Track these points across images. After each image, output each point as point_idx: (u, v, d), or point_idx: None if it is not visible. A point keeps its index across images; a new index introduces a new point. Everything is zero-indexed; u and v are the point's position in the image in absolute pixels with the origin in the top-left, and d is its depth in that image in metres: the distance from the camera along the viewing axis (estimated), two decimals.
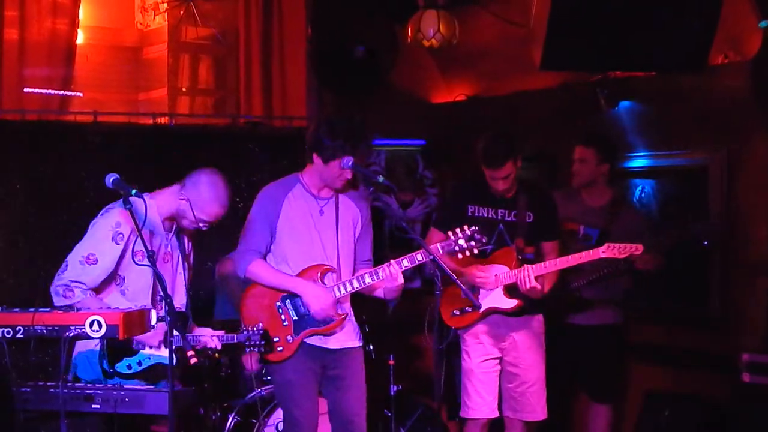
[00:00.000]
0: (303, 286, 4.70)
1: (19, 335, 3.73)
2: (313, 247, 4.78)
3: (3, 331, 3.72)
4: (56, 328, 3.72)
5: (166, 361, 4.31)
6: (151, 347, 4.34)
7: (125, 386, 3.99)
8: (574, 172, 5.84)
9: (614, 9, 5.01)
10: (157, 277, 3.93)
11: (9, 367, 3.74)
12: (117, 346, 4.23)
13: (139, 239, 4.17)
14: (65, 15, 6.46)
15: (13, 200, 5.79)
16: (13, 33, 6.28)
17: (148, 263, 3.91)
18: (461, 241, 4.70)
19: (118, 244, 4.26)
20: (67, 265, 4.29)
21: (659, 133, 6.32)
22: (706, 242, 5.52)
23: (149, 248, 3.88)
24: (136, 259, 4.24)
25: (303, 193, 4.81)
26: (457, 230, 4.71)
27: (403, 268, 4.73)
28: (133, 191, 3.98)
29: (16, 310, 3.79)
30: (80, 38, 6.76)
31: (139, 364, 4.32)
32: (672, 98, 6.11)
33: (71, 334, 3.72)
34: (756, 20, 5.36)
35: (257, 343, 4.57)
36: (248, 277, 4.79)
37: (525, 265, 5.10)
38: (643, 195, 6.34)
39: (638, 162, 6.36)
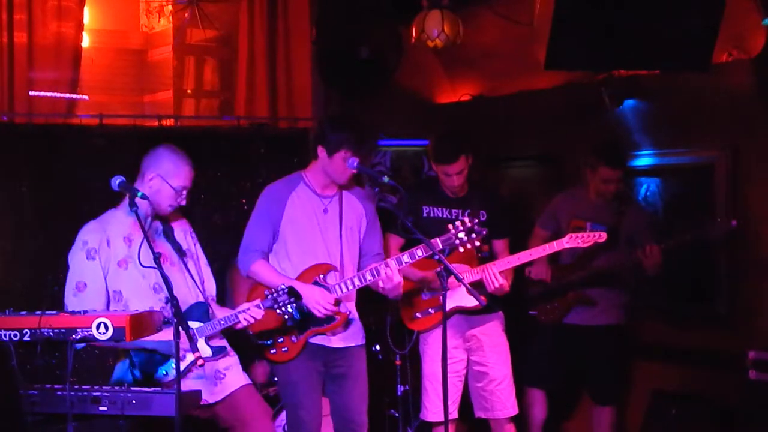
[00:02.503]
0: (301, 289, 4.71)
1: (25, 338, 3.75)
2: (316, 247, 4.80)
3: (10, 334, 3.74)
4: (63, 330, 3.74)
5: (204, 356, 4.30)
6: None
7: (132, 388, 3.99)
8: (601, 191, 5.81)
9: (617, 7, 5.01)
10: (163, 279, 3.94)
11: (16, 369, 3.75)
12: (146, 358, 4.23)
13: (110, 252, 4.24)
14: (70, 18, 6.47)
15: (20, 203, 5.80)
16: (19, 37, 6.29)
17: (154, 265, 3.90)
18: (461, 234, 4.70)
19: (93, 259, 4.25)
20: (66, 306, 4.26)
21: (664, 132, 6.31)
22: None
23: (154, 251, 3.90)
24: (122, 268, 4.24)
25: (307, 191, 4.83)
26: (457, 223, 4.71)
27: (403, 264, 4.75)
28: (140, 193, 4.02)
29: (23, 313, 3.81)
30: (86, 41, 6.77)
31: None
32: (676, 96, 6.10)
33: (78, 337, 3.74)
34: (759, 18, 5.36)
35: (287, 301, 4.49)
36: (250, 277, 4.81)
37: (488, 264, 5.12)
38: (648, 193, 6.33)
39: (643, 160, 6.35)
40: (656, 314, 6.28)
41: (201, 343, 4.38)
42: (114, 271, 4.29)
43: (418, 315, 5.32)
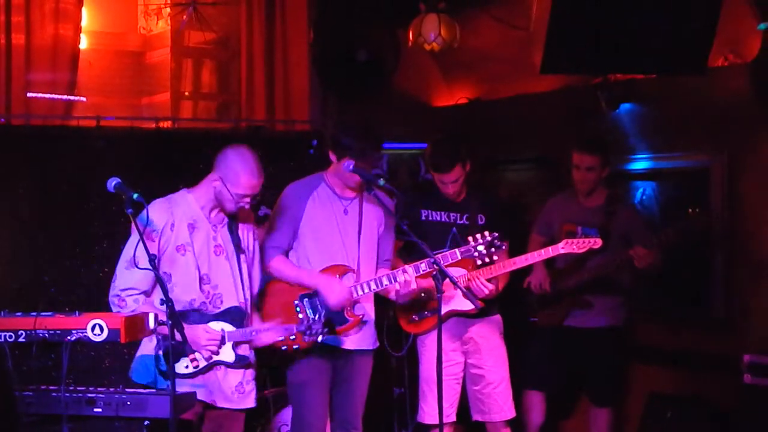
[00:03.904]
0: (320, 279, 4.73)
1: (21, 339, 3.76)
2: (333, 248, 4.81)
3: (5, 336, 3.75)
4: (58, 332, 3.75)
5: (226, 361, 4.38)
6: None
7: (127, 390, 4.00)
8: (579, 179, 5.81)
9: (614, 11, 5.03)
10: (158, 280, 3.94)
11: (11, 371, 3.76)
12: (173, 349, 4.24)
13: (172, 235, 4.27)
14: (68, 20, 6.47)
15: (17, 204, 5.80)
16: (17, 38, 6.30)
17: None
18: (480, 248, 4.73)
19: (153, 241, 4.25)
20: (116, 275, 4.28)
21: (660, 136, 6.32)
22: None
23: (150, 252, 3.91)
24: (179, 253, 4.29)
25: (327, 193, 4.85)
26: (477, 236, 4.74)
27: (420, 272, 4.76)
28: (135, 195, 3.98)
29: (18, 314, 3.82)
30: (84, 43, 6.79)
31: (196, 365, 4.32)
32: (673, 100, 6.12)
33: (73, 338, 3.76)
34: (755, 22, 5.37)
35: (320, 331, 4.51)
36: (270, 273, 4.82)
37: (475, 271, 5.12)
38: (644, 197, 6.34)
39: (639, 164, 6.36)
40: (652, 317, 6.28)
41: (227, 348, 4.37)
42: (170, 254, 4.30)
43: (415, 318, 5.33)
